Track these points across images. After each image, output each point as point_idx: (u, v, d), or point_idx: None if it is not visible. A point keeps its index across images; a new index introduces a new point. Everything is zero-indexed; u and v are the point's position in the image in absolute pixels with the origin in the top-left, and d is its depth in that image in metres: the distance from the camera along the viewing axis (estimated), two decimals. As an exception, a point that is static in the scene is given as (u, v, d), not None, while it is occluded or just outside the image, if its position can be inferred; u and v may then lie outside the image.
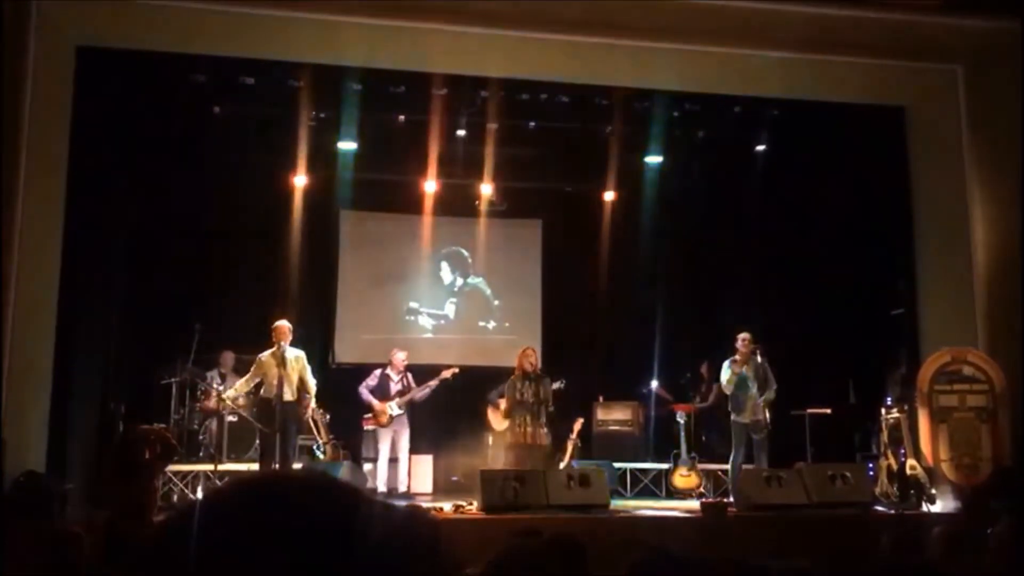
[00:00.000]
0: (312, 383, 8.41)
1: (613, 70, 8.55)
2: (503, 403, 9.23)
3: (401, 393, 9.42)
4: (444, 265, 11.78)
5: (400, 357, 9.62)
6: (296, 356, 8.30)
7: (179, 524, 0.77)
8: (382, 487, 9.15)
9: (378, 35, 7.77)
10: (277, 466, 7.96)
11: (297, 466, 8.65)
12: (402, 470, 9.42)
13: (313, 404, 8.55)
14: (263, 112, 9.55)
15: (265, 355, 8.29)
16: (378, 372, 9.55)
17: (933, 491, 8.02)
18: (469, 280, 11.83)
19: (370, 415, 9.69)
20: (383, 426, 9.34)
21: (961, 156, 8.43)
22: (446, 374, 9.49)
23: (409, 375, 9.60)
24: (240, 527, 0.74)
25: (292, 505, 0.76)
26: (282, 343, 8.21)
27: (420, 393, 9.45)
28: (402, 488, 9.30)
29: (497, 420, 9.75)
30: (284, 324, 8.31)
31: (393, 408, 9.33)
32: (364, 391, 9.47)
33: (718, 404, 10.05)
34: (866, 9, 7.70)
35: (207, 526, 0.75)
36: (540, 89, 9.20)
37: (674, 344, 11.19)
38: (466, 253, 11.80)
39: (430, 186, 10.85)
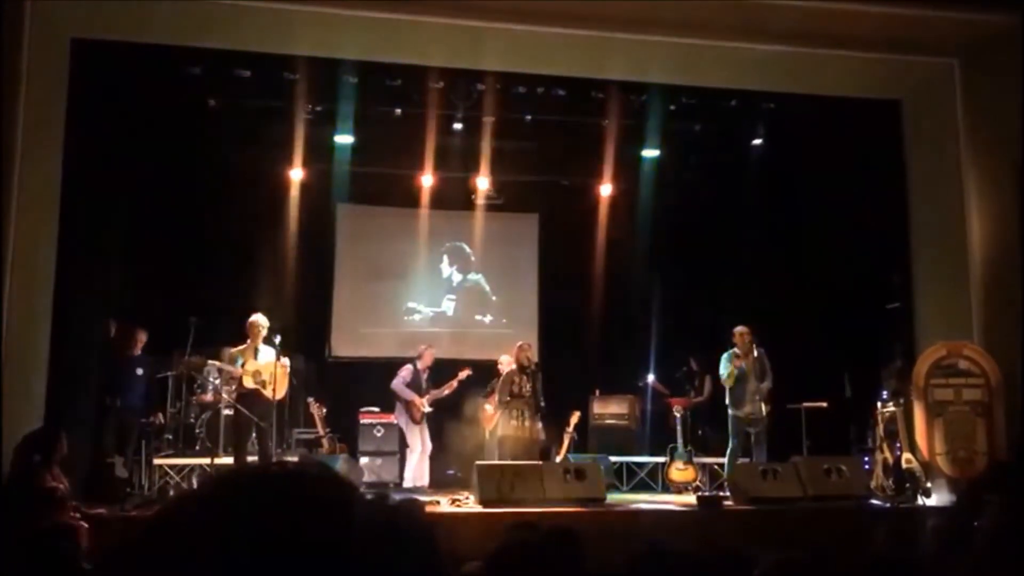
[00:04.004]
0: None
1: (609, 64, 8.53)
2: (489, 407, 9.24)
3: (428, 391, 9.41)
4: (445, 259, 11.76)
5: (431, 351, 9.59)
6: (270, 351, 8.19)
7: (169, 516, 0.77)
8: (411, 483, 9.12)
9: (374, 28, 7.74)
10: (256, 458, 7.95)
11: (293, 458, 8.65)
12: (426, 464, 9.41)
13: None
14: (259, 105, 9.54)
15: (238, 349, 8.26)
16: (409, 367, 9.45)
17: (928, 485, 8.04)
18: (469, 276, 11.81)
19: (375, 410, 9.69)
20: (417, 423, 9.29)
21: (958, 150, 8.43)
22: (461, 375, 9.48)
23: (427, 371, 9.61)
24: (233, 518, 0.74)
25: (285, 497, 0.76)
26: (256, 339, 8.14)
27: (444, 393, 9.44)
28: (421, 483, 9.28)
29: (487, 416, 9.74)
30: (257, 320, 8.21)
31: (425, 405, 9.32)
32: (402, 386, 9.34)
33: (713, 398, 10.08)
34: (862, 2, 7.68)
35: (196, 519, 0.75)
36: (537, 82, 9.20)
37: (671, 338, 11.20)
38: (468, 249, 11.78)
39: (427, 180, 10.84)
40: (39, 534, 4.25)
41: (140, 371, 8.74)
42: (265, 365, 8.12)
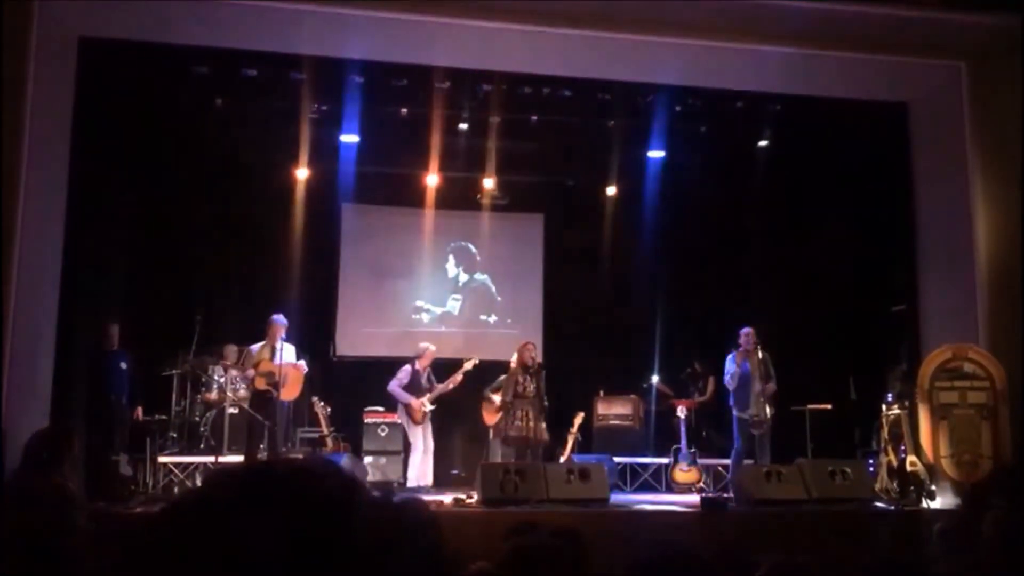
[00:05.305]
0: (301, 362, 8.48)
1: (615, 64, 8.53)
2: (496, 397, 9.23)
3: (430, 389, 9.38)
4: (451, 258, 11.76)
5: (432, 350, 9.53)
6: (288, 350, 8.27)
7: (175, 513, 0.77)
8: (415, 482, 9.10)
9: (381, 28, 7.75)
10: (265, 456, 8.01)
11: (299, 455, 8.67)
12: (430, 463, 9.40)
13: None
14: (265, 104, 9.54)
15: (256, 347, 8.31)
16: (408, 369, 9.38)
17: (933, 488, 8.02)
18: (475, 276, 11.80)
19: (380, 409, 9.69)
20: (418, 423, 9.25)
21: (964, 152, 8.42)
22: (467, 366, 9.42)
23: (429, 369, 9.58)
24: (239, 515, 0.74)
25: (291, 494, 0.76)
26: (273, 339, 8.23)
27: (448, 387, 9.40)
28: (425, 482, 9.27)
29: (489, 414, 9.73)
30: (276, 320, 8.29)
31: (426, 405, 9.29)
32: (398, 389, 9.28)
33: (717, 399, 10.07)
34: (869, 4, 7.68)
35: (202, 516, 0.75)
36: (542, 83, 9.18)
37: (675, 339, 11.19)
38: (474, 249, 11.78)
39: (432, 180, 10.85)
40: (48, 530, 4.26)
41: (124, 365, 8.69)
42: (277, 367, 8.17)
